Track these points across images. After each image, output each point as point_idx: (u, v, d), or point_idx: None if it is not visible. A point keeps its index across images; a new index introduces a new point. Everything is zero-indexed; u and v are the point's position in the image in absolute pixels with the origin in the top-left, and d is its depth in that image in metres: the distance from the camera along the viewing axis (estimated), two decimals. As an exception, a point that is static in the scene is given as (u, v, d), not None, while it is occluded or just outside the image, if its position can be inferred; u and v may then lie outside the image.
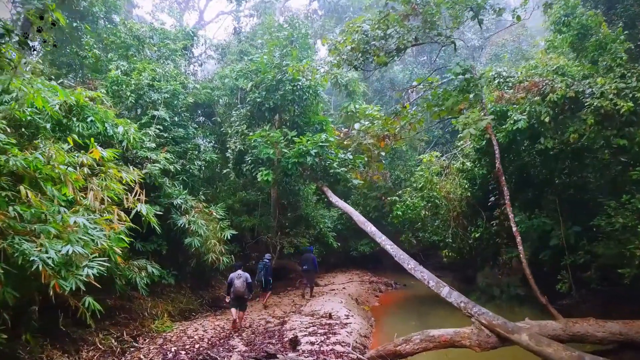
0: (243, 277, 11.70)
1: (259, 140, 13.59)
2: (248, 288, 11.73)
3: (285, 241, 17.57)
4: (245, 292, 11.67)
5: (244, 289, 11.63)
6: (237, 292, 11.62)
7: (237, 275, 11.74)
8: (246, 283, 11.66)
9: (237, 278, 11.69)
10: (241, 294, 11.64)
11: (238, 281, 11.64)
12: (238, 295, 11.68)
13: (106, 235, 7.51)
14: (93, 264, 6.68)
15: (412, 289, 20.71)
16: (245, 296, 11.77)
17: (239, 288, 11.59)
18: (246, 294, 11.74)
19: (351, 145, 14.81)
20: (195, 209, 14.22)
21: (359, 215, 11.91)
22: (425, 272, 10.05)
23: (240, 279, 11.66)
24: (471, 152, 16.69)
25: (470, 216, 16.77)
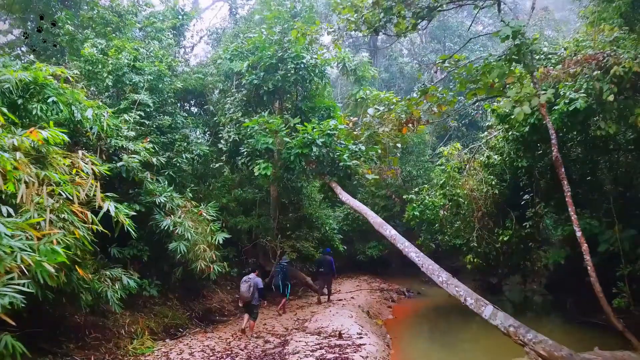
0: (250, 282, 11.21)
1: (255, 128, 11.78)
2: (257, 293, 11.19)
3: (287, 245, 15.73)
4: (252, 298, 11.14)
5: (249, 294, 11.08)
6: (242, 297, 11.27)
7: (245, 279, 11.33)
8: (253, 289, 11.12)
9: (243, 282, 11.28)
10: (246, 300, 11.19)
11: (243, 286, 11.22)
12: (243, 302, 11.35)
13: (36, 247, 5.55)
14: (5, 290, 4.61)
15: (428, 298, 18.91)
16: (253, 302, 11.23)
17: (243, 293, 11.18)
18: (254, 300, 11.19)
19: (362, 135, 12.99)
20: (182, 208, 12.40)
21: (375, 217, 10.10)
22: (462, 287, 8.25)
23: (246, 284, 11.20)
24: (498, 144, 14.88)
25: (497, 217, 14.96)
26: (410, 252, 9.16)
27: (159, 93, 14.13)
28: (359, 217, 23.17)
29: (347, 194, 11.42)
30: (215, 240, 12.15)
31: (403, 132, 10.75)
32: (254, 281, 11.29)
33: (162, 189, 12.24)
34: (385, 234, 9.78)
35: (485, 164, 14.76)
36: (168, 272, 13.02)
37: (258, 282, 11.35)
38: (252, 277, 11.38)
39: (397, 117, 10.55)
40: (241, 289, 11.29)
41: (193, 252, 11.81)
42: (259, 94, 13.37)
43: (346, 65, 16.05)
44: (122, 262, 11.53)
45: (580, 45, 10.17)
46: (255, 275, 11.57)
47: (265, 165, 11.42)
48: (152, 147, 12.51)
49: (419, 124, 10.36)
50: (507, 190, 14.47)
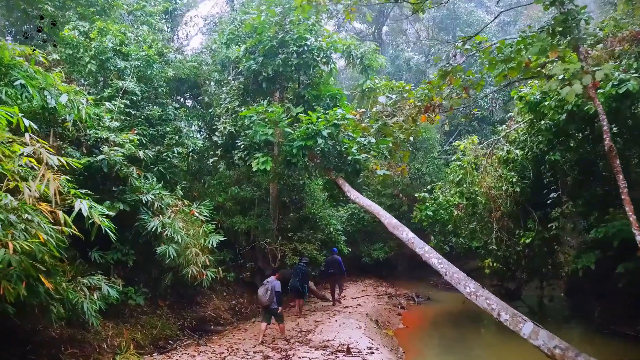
0: (268, 285, 10.83)
1: (253, 117, 10.63)
2: (275, 297, 10.76)
3: (288, 248, 14.61)
4: (270, 302, 10.74)
5: (266, 298, 10.70)
6: (259, 301, 10.99)
7: (264, 282, 11.05)
8: (271, 292, 10.71)
9: (262, 285, 10.98)
10: (263, 304, 10.85)
11: (261, 290, 10.89)
12: (262, 306, 11.05)
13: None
14: None
15: (439, 303, 17.82)
16: (272, 307, 10.83)
17: (260, 297, 10.84)
18: (272, 305, 10.79)
19: (372, 127, 11.86)
20: (172, 207, 11.29)
21: (389, 217, 8.98)
22: (494, 300, 7.12)
23: (264, 287, 10.83)
24: (518, 137, 13.76)
25: (517, 217, 13.83)
26: (432, 258, 8.03)
27: (147, 81, 13.03)
28: (364, 217, 22.12)
29: (356, 191, 10.29)
30: (209, 243, 11.04)
31: (422, 120, 9.60)
32: (272, 284, 10.84)
33: (150, 186, 11.15)
34: (402, 236, 8.65)
35: (505, 159, 13.62)
36: (157, 277, 11.90)
37: (276, 285, 10.88)
38: (270, 280, 10.97)
39: (416, 103, 9.40)
40: (259, 293, 10.90)
41: (184, 257, 10.72)
42: (257, 81, 12.22)
43: (352, 54, 14.89)
44: (104, 268, 10.44)
45: (619, 25, 9.04)
46: (275, 278, 11.15)
47: (265, 159, 10.28)
48: (139, 140, 11.39)
49: (439, 111, 9.22)
50: (528, 188, 13.33)
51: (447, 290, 20.61)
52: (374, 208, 9.45)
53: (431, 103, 8.87)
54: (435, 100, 8.74)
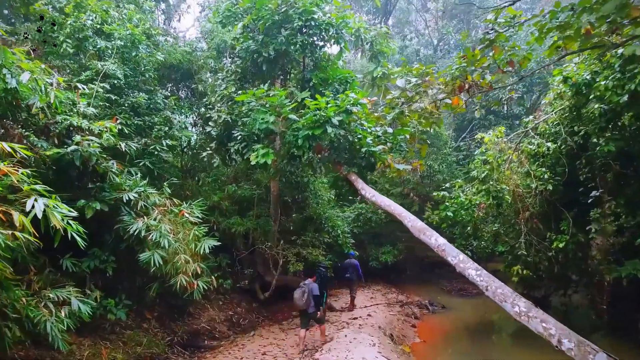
0: (305, 288, 10.36)
1: (252, 103, 9.25)
2: (313, 301, 10.35)
3: (291, 253, 13.24)
4: (307, 306, 10.32)
5: (303, 302, 10.25)
6: (296, 305, 10.53)
7: (301, 284, 10.52)
8: (307, 295, 10.27)
9: (298, 289, 10.41)
10: (300, 308, 10.46)
11: (297, 293, 10.36)
12: (299, 310, 10.63)
13: None
14: None
15: (455, 312, 16.44)
16: (309, 311, 10.41)
17: (296, 301, 10.35)
18: (309, 309, 10.39)
19: (385, 117, 10.49)
20: (159, 208, 9.91)
21: (413, 220, 7.59)
22: (551, 322, 5.73)
23: (300, 290, 10.34)
24: (548, 129, 12.40)
25: (548, 218, 12.47)
26: (469, 269, 6.65)
27: (133, 65, 11.64)
28: (372, 219, 20.73)
29: (372, 189, 8.90)
30: (201, 248, 9.64)
31: (454, 102, 8.23)
32: (310, 287, 10.39)
33: (133, 183, 9.78)
34: (430, 242, 7.27)
35: (534, 153, 12.25)
36: (143, 286, 10.54)
37: (314, 288, 10.42)
38: (307, 283, 10.50)
39: (448, 82, 8.01)
40: (294, 296, 10.36)
41: (172, 264, 9.32)
42: (256, 64, 10.82)
43: (361, 37, 13.50)
44: (79, 278, 9.09)
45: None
46: (312, 281, 10.67)
47: (265, 151, 8.88)
48: (122, 130, 10.02)
49: (476, 91, 7.83)
50: (560, 185, 11.95)
51: (462, 297, 19.32)
52: (394, 208, 8.06)
53: (464, 83, 7.50)
54: (469, 79, 7.36)
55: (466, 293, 19.47)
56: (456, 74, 7.70)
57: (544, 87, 21.62)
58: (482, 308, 17.08)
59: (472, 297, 18.82)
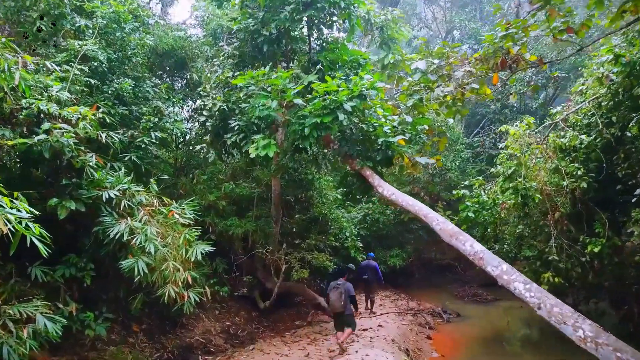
0: (341, 288, 9.85)
1: (251, 87, 8.09)
2: (350, 302, 9.92)
3: (294, 258, 12.08)
4: (345, 308, 9.81)
5: (341, 303, 9.75)
6: (333, 307, 9.99)
7: (334, 285, 10.00)
8: (345, 296, 9.78)
9: (333, 289, 9.93)
10: (337, 310, 9.86)
11: (334, 294, 9.86)
12: (334, 312, 10.06)
13: None
14: None
15: (473, 321, 15.27)
16: (347, 312, 9.90)
17: (334, 302, 9.85)
18: (347, 310, 9.88)
19: (400, 106, 9.34)
20: (145, 208, 8.76)
21: (444, 222, 6.45)
22: (629, 352, 4.55)
23: (337, 291, 9.84)
24: (581, 120, 11.26)
25: (580, 220, 11.32)
26: (515, 281, 5.51)
27: (119, 48, 10.49)
28: (379, 220, 19.58)
29: (391, 186, 7.72)
30: (193, 254, 8.47)
31: (494, 81, 7.08)
32: (346, 287, 9.88)
33: (116, 180, 8.61)
34: (464, 248, 6.12)
35: (565, 147, 11.10)
36: (128, 297, 9.38)
37: (349, 288, 9.95)
38: (342, 283, 9.97)
39: (488, 53, 6.85)
40: (331, 298, 9.87)
41: (159, 273, 8.16)
42: (256, 46, 9.65)
43: (371, 21, 12.35)
44: (51, 288, 7.94)
45: None
46: (345, 280, 10.20)
47: (266, 141, 7.72)
48: (103, 120, 8.85)
49: (525, 65, 6.67)
50: (594, 183, 10.81)
51: (476, 303, 18.15)
52: (418, 208, 6.90)
53: (507, 56, 6.34)
54: (512, 52, 6.20)
55: (480, 299, 18.32)
56: (497, 46, 6.52)
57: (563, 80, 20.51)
58: (500, 316, 15.92)
59: (487, 304, 17.67)
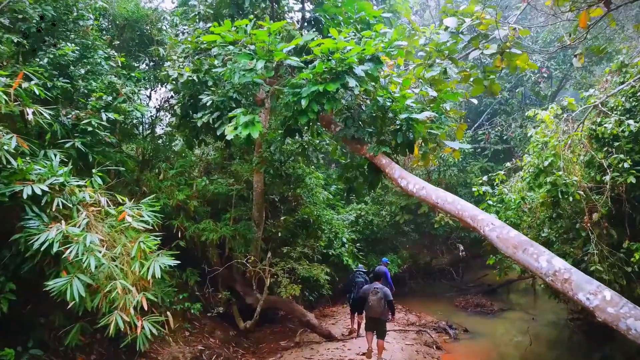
0: (380, 292, 9.31)
1: (230, 48, 6.11)
2: (388, 308, 9.39)
3: (279, 269, 10.10)
4: (384, 313, 9.36)
5: (381, 308, 9.25)
6: (373, 312, 9.34)
7: (370, 289, 9.49)
8: (384, 301, 9.26)
9: (372, 294, 9.35)
10: (377, 315, 9.33)
11: (373, 300, 9.29)
12: (373, 317, 9.43)
13: None
14: None
15: (484, 338, 13.51)
16: (384, 318, 9.49)
17: (374, 307, 9.28)
18: (384, 316, 9.45)
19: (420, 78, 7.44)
20: (88, 208, 6.70)
21: (502, 227, 4.62)
22: None
23: (377, 296, 9.28)
24: (622, 104, 9.57)
25: (622, 222, 9.64)
26: (630, 317, 3.66)
27: (61, 6, 8.36)
28: (374, 222, 17.74)
29: (419, 179, 5.82)
30: (149, 270, 6.41)
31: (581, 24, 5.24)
32: (384, 291, 9.36)
33: (47, 171, 6.51)
34: (537, 265, 4.29)
35: (603, 135, 9.39)
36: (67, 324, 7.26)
37: (388, 293, 9.47)
38: (379, 287, 9.42)
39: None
40: (371, 304, 9.27)
41: (103, 297, 6.09)
42: (235, 1, 7.61)
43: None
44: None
45: None
46: (381, 284, 9.63)
47: (249, 117, 5.72)
48: (32, 93, 6.76)
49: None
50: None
51: (481, 315, 16.42)
52: (461, 208, 5.02)
53: None
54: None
55: (485, 310, 16.60)
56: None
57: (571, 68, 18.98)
58: (514, 331, 14.23)
59: (493, 316, 15.97)
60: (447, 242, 21.28)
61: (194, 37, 7.48)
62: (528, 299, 18.90)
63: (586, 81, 19.07)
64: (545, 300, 16.99)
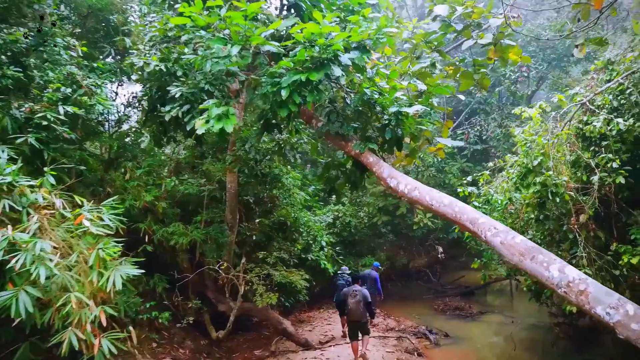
0: (359, 295, 9.22)
1: (203, 33, 5.50)
2: (367, 310, 9.38)
3: (254, 275, 9.49)
4: (363, 315, 9.32)
5: (361, 312, 9.25)
6: (353, 316, 9.30)
7: (348, 292, 9.42)
8: (364, 304, 9.23)
9: (351, 296, 9.27)
10: (358, 318, 9.29)
11: (353, 303, 9.22)
12: (354, 321, 9.38)
13: None
14: None
15: (464, 343, 13.17)
16: (363, 320, 9.41)
17: (354, 312, 9.24)
18: (364, 318, 9.38)
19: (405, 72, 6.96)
20: (41, 210, 5.97)
21: (506, 232, 4.19)
22: None
23: (355, 299, 9.20)
24: (608, 103, 9.32)
25: (607, 224, 9.42)
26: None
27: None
28: (351, 223, 17.24)
29: (410, 178, 5.32)
30: (109, 281, 5.72)
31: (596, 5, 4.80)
32: (364, 294, 9.37)
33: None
34: (547, 275, 3.86)
35: (589, 134, 9.13)
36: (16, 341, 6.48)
37: (367, 295, 9.45)
38: (358, 289, 9.42)
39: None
40: (351, 307, 9.30)
41: (55, 312, 5.39)
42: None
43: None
44: None
45: None
46: (360, 286, 9.72)
47: (222, 109, 5.12)
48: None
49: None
50: (630, 178, 8.89)
51: (461, 319, 16.05)
52: (460, 211, 4.55)
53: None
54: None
55: (464, 314, 16.29)
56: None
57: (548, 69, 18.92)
58: (493, 335, 13.96)
59: (474, 320, 15.66)
60: (424, 244, 20.98)
61: (161, 22, 6.81)
62: (504, 300, 18.77)
63: (562, 82, 19.04)
64: (522, 302, 16.84)
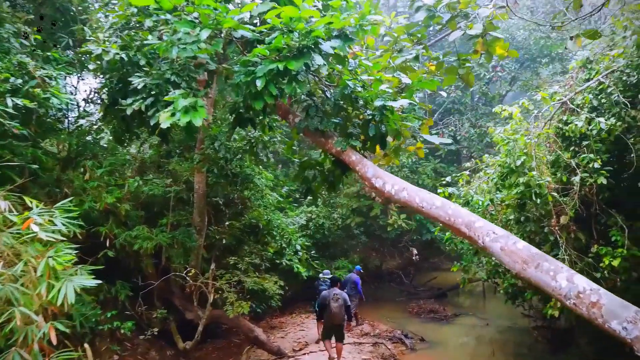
0: (340, 299, 9.16)
1: (169, 17, 4.94)
2: (346, 313, 9.35)
3: (224, 282, 8.92)
4: (343, 318, 9.30)
5: (342, 315, 9.21)
6: (336, 319, 9.20)
7: (329, 295, 9.25)
8: (345, 307, 9.21)
9: (332, 300, 9.15)
10: (339, 321, 9.27)
11: (335, 307, 9.09)
12: (334, 324, 9.30)
13: None
14: None
15: (440, 347, 12.93)
16: (343, 323, 9.40)
17: (336, 315, 9.14)
18: (343, 321, 9.37)
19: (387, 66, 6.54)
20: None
21: (507, 237, 3.85)
22: None
23: (338, 302, 9.12)
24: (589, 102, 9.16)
25: (587, 225, 9.28)
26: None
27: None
28: (324, 225, 16.80)
29: (397, 178, 4.89)
30: (60, 293, 5.08)
31: None
32: (344, 297, 9.33)
33: None
34: (553, 285, 3.47)
35: (570, 134, 8.94)
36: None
37: (347, 298, 9.44)
38: (338, 292, 9.36)
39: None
40: (333, 310, 9.16)
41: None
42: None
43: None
44: None
45: None
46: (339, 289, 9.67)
47: (190, 101, 4.57)
48: None
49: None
50: (611, 179, 8.74)
51: (436, 322, 15.79)
52: (454, 213, 4.15)
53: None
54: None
55: (439, 316, 16.07)
56: None
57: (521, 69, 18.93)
58: (468, 338, 13.76)
59: (449, 323, 15.44)
60: (397, 245, 20.76)
61: (122, 7, 6.19)
62: (476, 302, 18.70)
63: (532, 83, 19.12)
64: (493, 304, 16.79)
